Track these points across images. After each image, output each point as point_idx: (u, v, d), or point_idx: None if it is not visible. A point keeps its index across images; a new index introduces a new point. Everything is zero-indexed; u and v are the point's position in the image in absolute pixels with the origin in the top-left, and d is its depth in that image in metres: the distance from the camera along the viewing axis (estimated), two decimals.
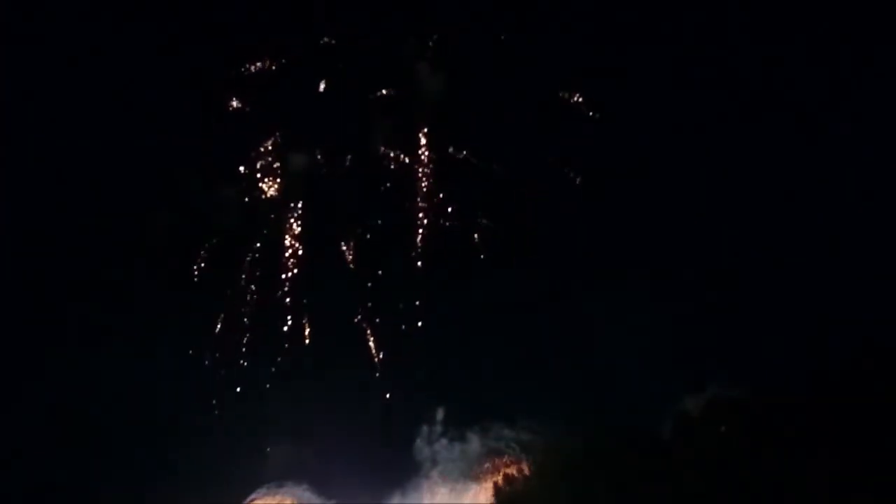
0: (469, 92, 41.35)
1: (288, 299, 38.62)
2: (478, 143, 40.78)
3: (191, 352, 37.54)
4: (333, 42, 41.98)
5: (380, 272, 38.99)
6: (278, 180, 40.58)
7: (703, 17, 40.53)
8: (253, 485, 33.11)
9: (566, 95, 41.30)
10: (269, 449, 34.99)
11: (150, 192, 39.57)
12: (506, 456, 34.83)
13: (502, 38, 41.67)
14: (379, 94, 41.59)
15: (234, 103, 41.36)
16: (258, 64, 41.65)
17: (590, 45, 41.07)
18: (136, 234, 38.78)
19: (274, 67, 41.73)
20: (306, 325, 38.16)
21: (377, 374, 37.47)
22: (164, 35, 40.66)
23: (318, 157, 40.65)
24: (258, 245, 39.71)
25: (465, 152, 40.77)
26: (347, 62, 41.84)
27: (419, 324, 38.08)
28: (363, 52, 41.75)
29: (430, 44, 41.49)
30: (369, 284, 38.86)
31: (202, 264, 38.90)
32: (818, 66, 39.34)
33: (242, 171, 40.65)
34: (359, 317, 38.31)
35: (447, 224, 39.71)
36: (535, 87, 41.37)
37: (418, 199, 40.12)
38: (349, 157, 40.77)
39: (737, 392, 34.65)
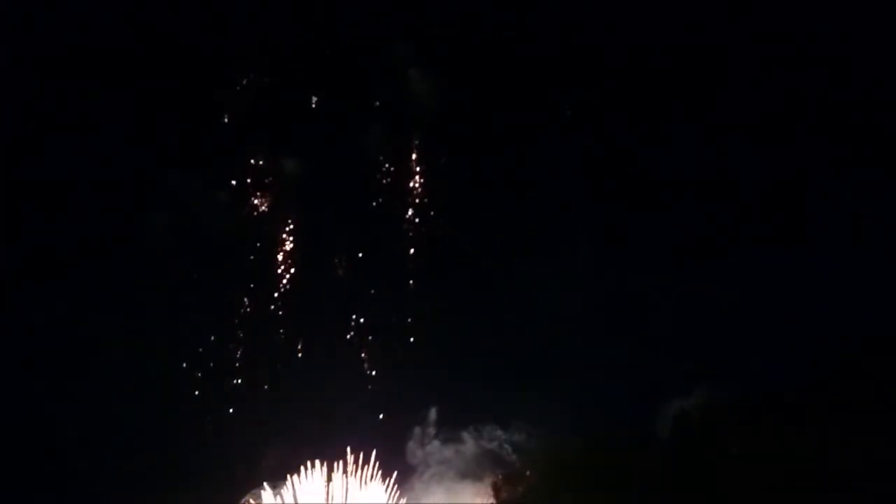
0: (464, 98, 41.78)
1: (280, 312, 38.95)
2: (473, 151, 41.09)
3: (184, 364, 37.80)
4: (328, 51, 42.59)
5: (372, 288, 39.33)
6: (269, 193, 40.89)
7: (704, 17, 40.91)
8: (247, 486, 33.09)
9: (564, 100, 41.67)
10: (263, 451, 34.93)
11: (140, 198, 40.08)
12: (501, 457, 34.78)
13: (499, 41, 42.20)
14: (373, 100, 41.95)
15: (226, 115, 41.84)
16: (251, 74, 42.16)
17: (588, 48, 41.61)
18: (132, 239, 39.25)
19: (266, 77, 42.25)
20: (300, 338, 38.49)
21: (369, 387, 37.68)
22: (157, 38, 41.38)
23: (311, 166, 40.99)
24: (251, 257, 40.05)
25: (458, 161, 41.00)
26: (341, 67, 42.27)
27: (411, 339, 38.36)
28: (357, 56, 42.21)
29: (425, 49, 42.06)
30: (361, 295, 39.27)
31: (196, 274, 39.27)
32: (812, 66, 39.65)
33: (234, 183, 41.10)
34: (351, 333, 38.62)
35: (439, 234, 40.03)
36: (532, 92, 41.77)
37: (410, 211, 40.37)
38: (342, 166, 41.12)
39: (733, 393, 34.56)
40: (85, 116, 41.25)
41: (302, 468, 30.90)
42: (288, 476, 30.96)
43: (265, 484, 31.41)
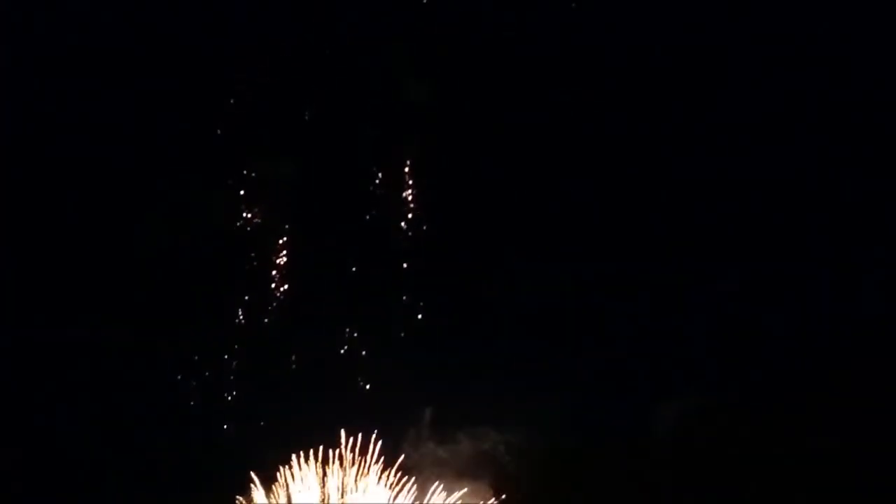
0: (467, 101, 41.55)
1: (274, 313, 38.81)
2: (472, 154, 40.89)
3: (179, 376, 37.72)
4: (327, 51, 42.40)
5: (368, 287, 39.22)
6: (268, 195, 40.75)
7: (704, 18, 40.68)
8: (243, 485, 33.15)
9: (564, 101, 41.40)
10: (254, 455, 34.89)
11: (134, 199, 39.99)
12: (498, 458, 34.73)
13: (500, 42, 41.98)
14: (372, 103, 41.74)
15: (225, 116, 41.62)
16: (251, 75, 41.96)
17: (588, 48, 41.38)
18: (126, 240, 39.20)
19: (266, 77, 42.06)
20: (294, 338, 38.36)
21: (365, 391, 37.56)
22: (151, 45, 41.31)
23: (307, 170, 40.84)
24: (248, 261, 39.90)
25: (457, 163, 40.76)
26: (341, 68, 42.07)
27: (406, 340, 38.20)
28: (354, 58, 42.03)
29: (427, 50, 41.86)
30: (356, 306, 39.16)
31: (192, 275, 39.10)
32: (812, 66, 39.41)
33: (235, 185, 40.93)
34: (346, 333, 38.48)
35: (437, 235, 39.81)
36: (532, 94, 41.54)
37: (409, 210, 40.21)
38: (339, 170, 41.00)
39: (733, 393, 34.49)
40: (85, 116, 41.15)
41: (294, 458, 30.92)
42: (280, 473, 30.97)
43: (257, 481, 31.44)
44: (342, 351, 37.76)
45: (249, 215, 40.04)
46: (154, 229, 39.15)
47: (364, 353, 37.78)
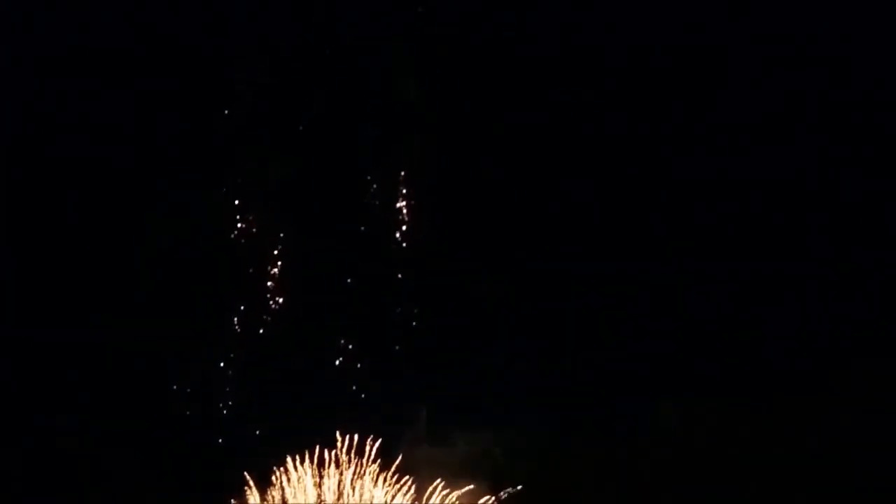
0: (462, 103, 41.46)
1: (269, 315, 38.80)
2: (471, 158, 40.79)
3: (175, 387, 37.72)
4: (327, 51, 42.32)
5: (364, 286, 39.15)
6: (262, 203, 40.66)
7: (704, 18, 40.55)
8: (238, 487, 33.19)
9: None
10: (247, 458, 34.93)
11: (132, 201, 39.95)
12: (494, 458, 34.70)
13: (500, 42, 41.89)
14: (371, 105, 41.65)
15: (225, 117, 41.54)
16: (251, 75, 41.90)
17: (588, 48, 41.29)
18: (124, 242, 39.23)
19: (266, 78, 41.99)
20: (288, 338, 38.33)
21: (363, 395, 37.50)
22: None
23: (304, 174, 40.77)
24: (245, 266, 39.84)
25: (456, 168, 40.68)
26: (337, 71, 42.00)
27: (401, 340, 38.14)
28: (354, 58, 41.94)
29: (423, 52, 41.79)
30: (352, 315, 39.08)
31: (188, 277, 39.06)
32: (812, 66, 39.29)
33: (234, 186, 40.90)
34: (342, 348, 38.44)
35: (435, 235, 39.74)
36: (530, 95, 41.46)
37: (406, 210, 40.15)
38: (335, 174, 40.92)
39: (731, 393, 34.43)
40: (85, 116, 41.14)
41: (289, 460, 30.91)
42: (276, 475, 30.97)
43: (251, 483, 31.44)
44: (339, 357, 37.73)
45: (249, 217, 40.04)
46: (152, 230, 39.20)
47: (362, 352, 37.77)
